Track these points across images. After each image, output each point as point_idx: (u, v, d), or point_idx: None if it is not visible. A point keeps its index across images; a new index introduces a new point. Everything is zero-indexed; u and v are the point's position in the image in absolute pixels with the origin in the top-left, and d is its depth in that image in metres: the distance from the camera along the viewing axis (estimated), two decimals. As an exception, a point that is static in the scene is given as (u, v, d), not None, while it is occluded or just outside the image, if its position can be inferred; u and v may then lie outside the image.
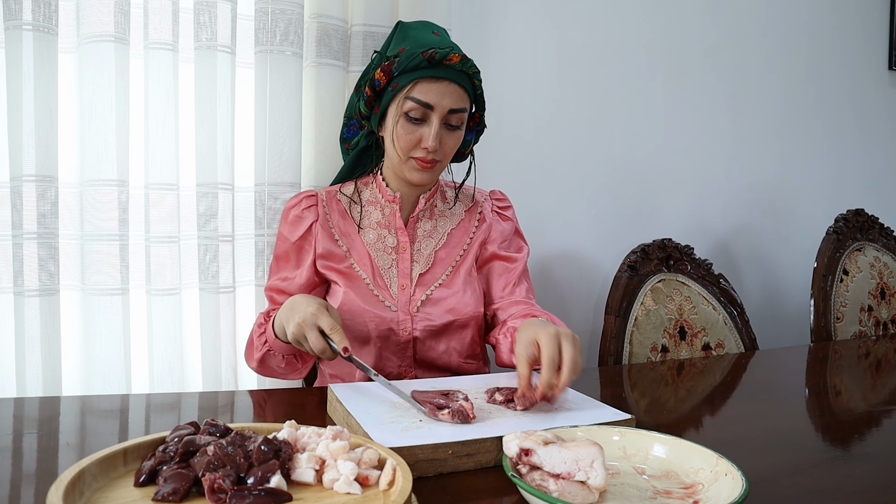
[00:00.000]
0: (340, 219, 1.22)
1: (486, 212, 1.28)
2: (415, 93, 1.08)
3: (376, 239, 1.20)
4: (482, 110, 1.20)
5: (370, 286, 1.17)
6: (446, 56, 1.07)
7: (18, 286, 1.29)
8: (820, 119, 2.33)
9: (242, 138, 1.48)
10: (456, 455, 0.75)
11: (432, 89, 1.08)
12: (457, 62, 1.08)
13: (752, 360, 1.53)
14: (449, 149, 1.13)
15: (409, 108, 1.09)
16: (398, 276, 1.19)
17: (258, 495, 0.57)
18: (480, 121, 1.22)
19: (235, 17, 1.41)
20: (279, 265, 1.22)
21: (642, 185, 2.03)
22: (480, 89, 1.16)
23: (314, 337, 0.96)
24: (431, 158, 1.11)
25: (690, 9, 2.06)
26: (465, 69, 1.10)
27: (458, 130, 1.13)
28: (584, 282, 1.96)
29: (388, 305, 1.16)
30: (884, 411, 1.09)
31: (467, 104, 1.13)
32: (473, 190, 1.30)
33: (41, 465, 0.77)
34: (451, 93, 1.09)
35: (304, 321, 0.97)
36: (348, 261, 1.19)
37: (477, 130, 1.23)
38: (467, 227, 1.26)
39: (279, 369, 1.16)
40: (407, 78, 1.08)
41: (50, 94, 1.29)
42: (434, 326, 1.17)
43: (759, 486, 0.72)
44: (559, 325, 1.14)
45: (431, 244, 1.22)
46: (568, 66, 1.91)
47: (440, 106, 1.08)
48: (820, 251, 1.91)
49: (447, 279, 1.20)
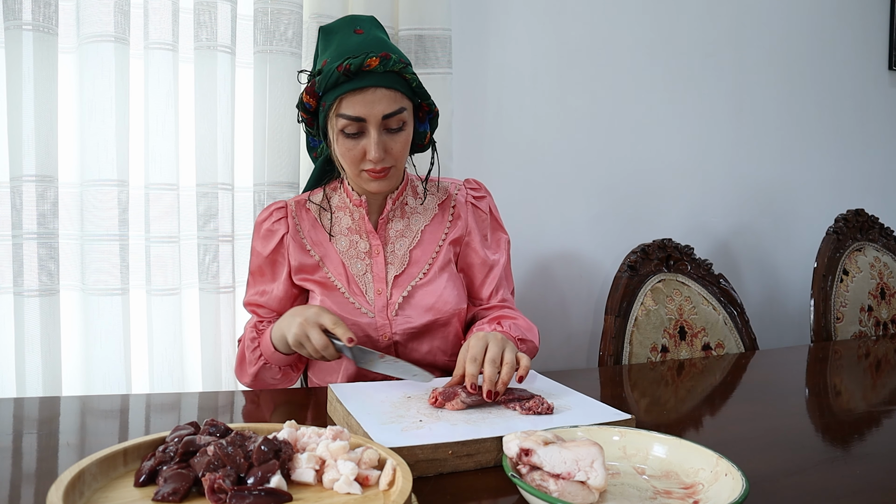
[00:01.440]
0: (311, 228, 1.19)
1: (459, 204, 1.23)
2: (343, 109, 1.03)
3: (348, 246, 1.18)
4: (426, 98, 1.12)
5: (345, 294, 1.15)
6: (363, 63, 1.00)
7: (18, 286, 1.29)
8: (820, 119, 2.33)
9: (242, 138, 1.48)
10: (456, 455, 0.75)
11: (358, 101, 1.03)
12: (377, 65, 1.01)
13: (752, 360, 1.53)
14: (398, 152, 1.08)
15: (343, 125, 1.04)
16: (373, 280, 1.16)
17: (258, 495, 0.57)
18: (430, 109, 1.14)
19: (235, 17, 1.41)
20: (255, 279, 1.20)
21: (642, 185, 2.03)
22: (416, 80, 1.08)
23: (317, 335, 0.97)
24: (381, 167, 1.07)
25: (690, 9, 2.06)
26: (388, 69, 1.03)
27: (403, 132, 1.08)
28: (584, 282, 1.96)
29: (364, 312, 1.14)
30: (884, 411, 1.09)
31: (403, 102, 1.06)
32: (446, 182, 1.26)
33: (41, 465, 0.77)
34: (380, 99, 1.03)
35: (306, 321, 0.99)
36: (322, 270, 1.17)
37: (430, 119, 1.16)
38: (441, 222, 1.22)
39: (274, 381, 1.16)
40: (332, 96, 1.04)
41: (50, 94, 1.29)
42: (414, 328, 1.15)
43: (759, 486, 0.72)
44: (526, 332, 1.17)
45: (405, 244, 1.19)
46: (568, 66, 1.91)
47: (372, 115, 1.03)
48: (820, 251, 1.90)
49: (425, 277, 1.17)
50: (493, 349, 0.92)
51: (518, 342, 1.13)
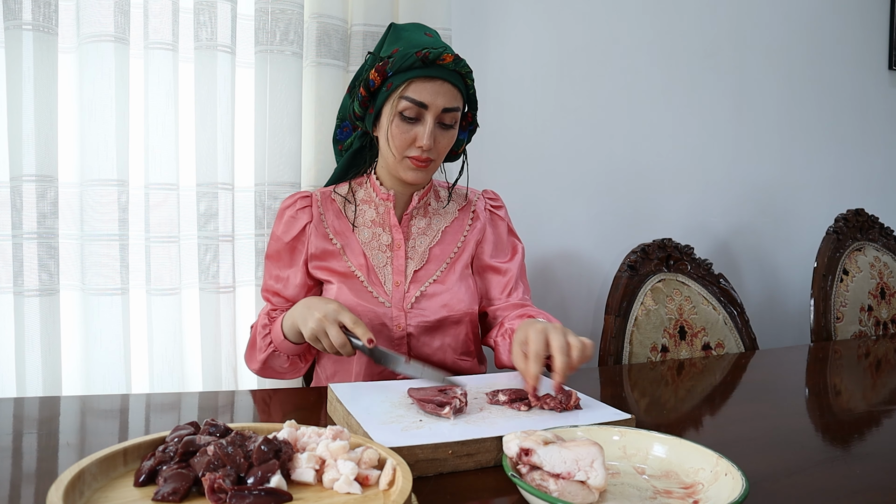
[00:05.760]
0: (335, 218, 1.23)
1: (479, 210, 1.29)
2: (409, 92, 1.09)
3: (371, 237, 1.21)
4: (474, 110, 1.21)
5: (364, 283, 1.18)
6: (440, 56, 1.08)
7: (18, 286, 1.29)
8: (820, 119, 2.33)
9: (242, 138, 1.48)
10: (456, 455, 0.75)
11: (426, 89, 1.09)
12: (450, 62, 1.09)
13: (752, 360, 1.53)
14: (443, 147, 1.15)
15: (404, 108, 1.10)
16: (393, 273, 1.20)
17: (258, 495, 0.57)
18: (473, 120, 1.23)
19: (235, 16, 1.41)
20: (272, 263, 1.23)
21: (642, 184, 2.03)
22: (473, 89, 1.17)
23: (335, 332, 0.99)
24: (426, 157, 1.13)
25: (690, 9, 2.06)
26: (458, 69, 1.11)
27: (452, 129, 1.15)
28: (584, 282, 1.96)
29: (381, 301, 1.17)
30: (884, 411, 1.09)
31: (460, 103, 1.14)
32: (466, 189, 1.32)
33: (41, 465, 0.77)
34: (445, 92, 1.10)
35: (325, 316, 1.00)
36: (343, 258, 1.20)
37: (469, 130, 1.24)
38: (461, 225, 1.27)
39: (281, 369, 1.17)
40: (401, 78, 1.09)
41: (50, 94, 1.28)
42: (428, 322, 1.18)
43: (759, 486, 0.72)
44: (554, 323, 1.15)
45: (426, 241, 1.23)
46: (568, 66, 1.91)
47: (434, 105, 1.10)
48: (820, 251, 1.91)
49: (441, 275, 1.21)
50: (558, 338, 0.91)
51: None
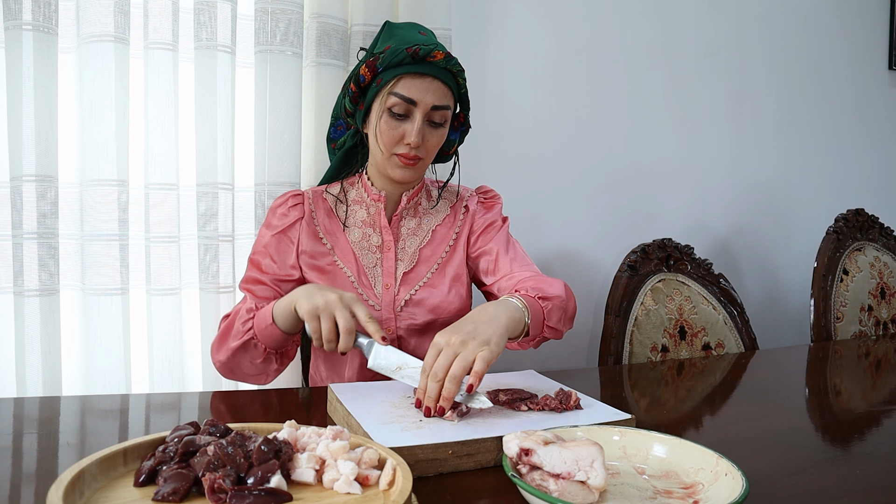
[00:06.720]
0: (326, 217, 1.21)
1: (471, 205, 1.27)
2: (398, 88, 1.08)
3: (361, 238, 1.20)
4: (466, 110, 1.19)
5: (354, 284, 1.17)
6: (430, 53, 1.07)
7: (18, 286, 1.29)
8: (820, 119, 2.33)
9: (242, 138, 1.48)
10: (456, 455, 0.75)
11: (415, 85, 1.08)
12: (441, 59, 1.08)
13: (752, 360, 1.53)
14: (432, 146, 1.13)
15: (393, 104, 1.09)
16: (382, 275, 1.19)
17: (258, 495, 0.57)
18: (465, 121, 1.21)
19: (235, 16, 1.41)
20: (256, 258, 1.17)
21: (642, 184, 2.03)
22: (465, 88, 1.16)
23: (346, 316, 0.93)
24: (414, 155, 1.11)
25: (690, 9, 2.06)
26: (448, 67, 1.10)
27: (442, 128, 1.13)
28: (584, 282, 1.96)
29: (372, 304, 1.16)
30: (884, 411, 1.09)
31: (451, 102, 1.13)
32: (458, 187, 1.30)
33: (41, 465, 0.77)
34: (435, 89, 1.09)
35: (340, 299, 0.94)
36: (332, 258, 1.19)
37: (462, 130, 1.23)
38: (452, 223, 1.25)
39: (250, 367, 1.09)
40: (391, 74, 1.08)
41: (50, 94, 1.28)
42: (417, 325, 1.17)
43: (759, 486, 0.72)
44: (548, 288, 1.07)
45: (416, 242, 1.22)
46: (568, 67, 1.91)
47: (423, 102, 1.09)
48: (820, 251, 1.90)
49: (431, 278, 1.20)
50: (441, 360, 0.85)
51: (539, 301, 1.05)
